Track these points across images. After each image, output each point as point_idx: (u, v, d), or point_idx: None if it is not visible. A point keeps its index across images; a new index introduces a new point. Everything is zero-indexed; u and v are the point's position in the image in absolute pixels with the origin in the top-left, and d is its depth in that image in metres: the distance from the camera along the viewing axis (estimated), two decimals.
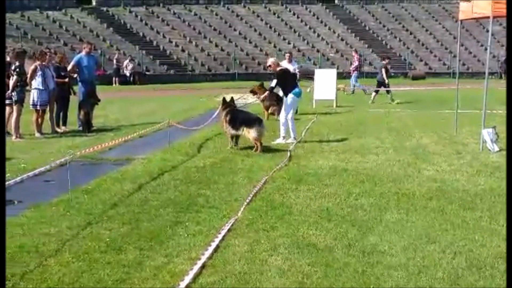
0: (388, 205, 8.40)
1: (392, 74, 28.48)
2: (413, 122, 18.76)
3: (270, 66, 14.93)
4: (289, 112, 14.58)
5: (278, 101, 19.24)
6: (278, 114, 19.02)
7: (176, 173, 10.65)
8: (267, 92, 16.57)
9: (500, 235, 6.98)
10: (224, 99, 14.19)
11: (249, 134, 13.05)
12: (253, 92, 20.27)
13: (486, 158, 12.18)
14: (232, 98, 14.34)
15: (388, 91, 27.35)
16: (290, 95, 14.52)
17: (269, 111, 19.62)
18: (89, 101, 17.04)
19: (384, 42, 61.82)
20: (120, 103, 27.33)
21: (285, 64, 20.57)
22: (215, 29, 57.40)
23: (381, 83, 27.42)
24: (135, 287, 5.57)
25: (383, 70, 27.27)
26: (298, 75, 21.31)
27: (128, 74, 46.74)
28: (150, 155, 12.52)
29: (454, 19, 59.45)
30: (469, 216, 7.82)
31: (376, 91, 27.43)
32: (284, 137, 14.54)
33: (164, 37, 54.45)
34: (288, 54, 22.63)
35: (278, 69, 14.80)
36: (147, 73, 48.41)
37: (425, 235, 6.99)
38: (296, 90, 14.61)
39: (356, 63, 35.02)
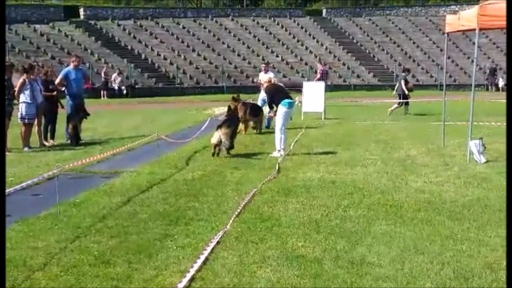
0: (376, 217, 8.43)
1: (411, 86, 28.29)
2: (401, 134, 18.84)
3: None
4: (279, 124, 14.56)
5: (258, 114, 19.39)
6: (259, 128, 19.02)
7: (165, 186, 10.65)
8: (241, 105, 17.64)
9: (488, 245, 7.02)
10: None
11: None
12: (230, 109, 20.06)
13: (473, 169, 12.25)
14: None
15: (406, 103, 27.20)
16: (280, 107, 14.52)
17: (251, 126, 19.66)
18: (78, 114, 17.02)
19: (371, 54, 62.08)
20: (108, 116, 27.30)
21: (261, 75, 20.70)
22: (203, 42, 57.47)
23: (401, 95, 27.29)
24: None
25: (403, 82, 27.15)
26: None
27: (116, 88, 46.70)
28: (138, 168, 12.51)
29: (440, 31, 59.78)
30: (457, 227, 7.87)
31: (399, 104, 27.24)
32: (279, 151, 14.47)
33: (152, 50, 54.47)
34: (264, 65, 22.47)
35: (266, 85, 15.48)
36: (135, 86, 48.37)
37: (413, 246, 7.02)
38: (285, 100, 14.57)
39: (318, 76, 34.17)
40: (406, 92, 27.06)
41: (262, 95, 20.40)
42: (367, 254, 6.75)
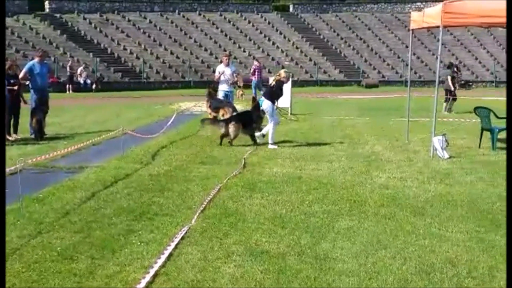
0: (340, 212, 8.49)
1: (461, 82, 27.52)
2: (366, 130, 18.97)
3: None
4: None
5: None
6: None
7: (130, 181, 10.59)
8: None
9: (449, 241, 7.11)
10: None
11: None
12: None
13: (436, 165, 12.40)
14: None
15: (454, 99, 26.77)
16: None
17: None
18: (42, 109, 16.84)
19: (338, 50, 62.43)
20: (73, 111, 27.06)
21: (222, 67, 20.41)
22: (170, 37, 57.26)
23: (448, 91, 27.02)
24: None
25: (449, 78, 26.83)
26: (236, 79, 21.29)
27: (82, 82, 46.31)
28: (103, 163, 12.42)
29: (406, 28, 60.30)
30: (419, 222, 7.95)
31: (447, 100, 26.83)
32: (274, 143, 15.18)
33: (118, 44, 54.12)
34: (225, 57, 21.17)
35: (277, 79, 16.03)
36: (103, 80, 47.99)
37: (376, 241, 7.08)
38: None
39: (252, 73, 33.73)
40: (452, 88, 26.76)
41: (224, 88, 20.21)
42: (331, 249, 6.80)
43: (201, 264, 6.32)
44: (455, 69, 28.04)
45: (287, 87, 25.08)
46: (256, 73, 32.00)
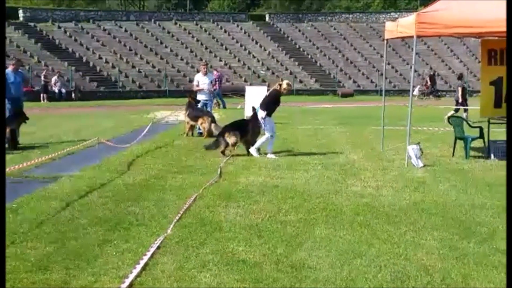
0: (316, 221, 8.52)
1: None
2: (342, 138, 19.06)
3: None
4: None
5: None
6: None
7: (105, 191, 10.54)
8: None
9: (424, 248, 7.17)
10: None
11: None
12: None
13: (411, 173, 12.49)
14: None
15: (465, 110, 26.85)
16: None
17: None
18: (16, 118, 16.70)
19: (314, 60, 62.72)
20: (48, 120, 26.87)
21: (200, 76, 20.52)
22: (146, 46, 57.15)
23: (458, 102, 27.14)
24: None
25: (459, 89, 27.01)
26: (213, 87, 21.29)
27: (56, 91, 46.03)
28: (78, 172, 12.36)
29: (380, 38, 60.78)
30: (394, 230, 8.01)
31: (456, 110, 26.72)
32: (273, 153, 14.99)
33: (94, 53, 53.90)
34: (203, 66, 21.39)
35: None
36: (81, 89, 47.71)
37: (352, 250, 7.12)
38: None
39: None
40: (460, 99, 26.93)
41: (202, 97, 20.32)
42: (307, 258, 6.82)
43: (177, 274, 6.30)
44: (464, 79, 28.29)
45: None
46: (216, 82, 32.11)
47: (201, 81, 20.39)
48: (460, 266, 6.54)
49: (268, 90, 16.33)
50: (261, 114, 15.12)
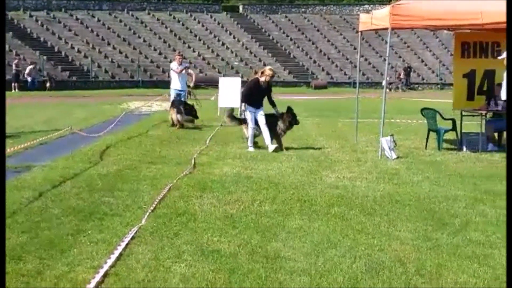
0: (291, 212, 8.53)
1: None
2: (316, 130, 19.12)
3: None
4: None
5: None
6: None
7: (78, 181, 10.45)
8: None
9: (398, 239, 7.21)
10: None
11: None
12: None
13: (384, 165, 12.56)
14: None
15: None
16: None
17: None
18: None
19: (287, 51, 62.75)
20: (20, 110, 26.56)
21: (174, 65, 20.52)
22: (119, 36, 56.75)
23: None
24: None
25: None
26: (186, 76, 21.25)
27: (29, 80, 45.54)
28: (51, 162, 12.23)
29: (354, 30, 61.10)
30: (369, 221, 8.04)
31: None
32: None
33: (66, 42, 53.40)
34: (178, 57, 21.42)
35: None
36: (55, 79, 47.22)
37: (327, 241, 7.13)
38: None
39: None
40: None
41: (176, 88, 20.30)
42: (282, 249, 6.82)
43: (151, 264, 6.27)
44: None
45: (236, 87, 25.27)
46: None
47: (176, 70, 20.40)
48: (434, 256, 6.59)
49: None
50: (248, 107, 14.75)
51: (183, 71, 20.57)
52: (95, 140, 15.41)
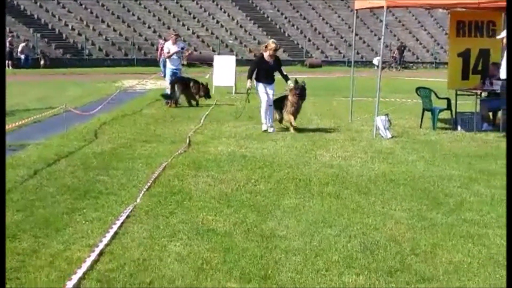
0: (286, 191, 8.54)
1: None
2: (311, 109, 19.06)
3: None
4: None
5: None
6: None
7: (73, 159, 10.44)
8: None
9: (393, 218, 7.24)
10: None
11: None
12: None
13: (379, 144, 12.57)
14: None
15: None
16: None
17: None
18: None
19: (282, 30, 62.43)
20: (14, 88, 26.39)
21: (170, 45, 20.46)
22: (113, 13, 56.28)
23: None
24: (30, 275, 5.43)
25: None
26: (182, 56, 21.20)
27: (23, 58, 45.30)
28: (45, 140, 12.22)
29: (349, 9, 60.79)
30: (363, 200, 8.07)
31: None
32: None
33: (60, 20, 52.94)
34: (173, 36, 21.33)
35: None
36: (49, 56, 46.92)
37: (322, 220, 7.16)
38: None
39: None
40: None
41: (171, 66, 20.28)
42: (277, 228, 6.84)
43: (147, 243, 6.29)
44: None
45: (231, 66, 25.20)
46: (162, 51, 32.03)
47: (171, 49, 20.30)
48: (429, 236, 6.62)
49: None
50: (258, 84, 14.50)
51: (178, 50, 20.50)
52: (89, 118, 15.37)
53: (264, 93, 14.34)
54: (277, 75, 14.70)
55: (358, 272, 5.58)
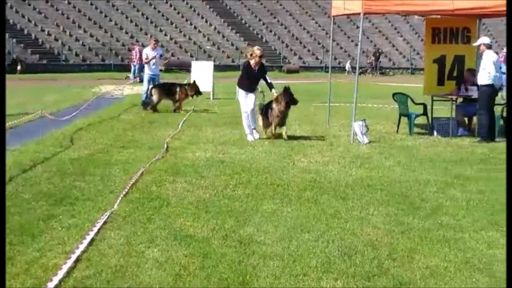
0: (264, 196, 8.54)
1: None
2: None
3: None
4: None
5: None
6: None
7: (49, 165, 10.36)
8: None
9: (370, 223, 7.26)
10: None
11: None
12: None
13: (356, 149, 12.62)
14: None
15: None
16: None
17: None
18: None
19: (259, 35, 62.58)
20: None
21: (148, 51, 20.45)
22: (90, 19, 56.05)
23: None
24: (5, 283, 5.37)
25: None
26: (161, 62, 21.18)
27: None
28: (21, 146, 12.10)
29: (326, 15, 61.13)
30: (341, 205, 8.09)
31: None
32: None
33: (36, 25, 52.60)
34: (153, 41, 21.38)
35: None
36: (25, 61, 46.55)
37: (300, 225, 7.16)
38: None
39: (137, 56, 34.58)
40: None
41: (149, 72, 20.25)
42: (255, 233, 6.83)
43: (124, 249, 6.25)
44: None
45: (209, 71, 25.18)
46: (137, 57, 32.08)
47: (150, 55, 20.29)
48: (406, 240, 6.65)
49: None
50: (240, 91, 14.29)
51: (156, 56, 20.47)
52: (66, 124, 15.26)
53: (245, 102, 14.13)
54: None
55: (336, 277, 5.59)
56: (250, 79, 14.17)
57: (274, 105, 13.94)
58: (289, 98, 13.99)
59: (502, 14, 13.99)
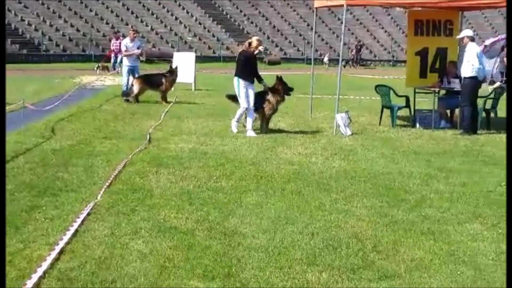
0: (248, 188, 8.52)
1: None
2: None
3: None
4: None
5: None
6: None
7: (32, 156, 10.27)
8: None
9: (354, 215, 7.28)
10: None
11: None
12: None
13: (339, 141, 12.64)
14: None
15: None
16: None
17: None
18: None
19: (241, 27, 62.43)
20: None
21: (127, 42, 20.35)
22: (70, 9, 55.55)
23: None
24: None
25: (505, 59, 25.56)
26: (141, 54, 21.09)
27: None
28: None
29: (307, 6, 61.12)
30: (325, 197, 8.10)
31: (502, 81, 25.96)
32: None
33: (15, 15, 52.07)
34: (132, 32, 21.17)
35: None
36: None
37: (284, 217, 7.16)
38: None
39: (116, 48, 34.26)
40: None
41: (128, 64, 20.10)
42: (239, 225, 6.82)
43: (108, 241, 6.21)
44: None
45: (190, 62, 25.07)
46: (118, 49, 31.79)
47: (129, 46, 20.18)
48: (390, 233, 6.67)
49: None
50: (241, 83, 13.76)
51: (133, 48, 20.34)
52: (47, 115, 15.14)
53: (245, 97, 13.68)
54: None
55: (321, 270, 5.59)
56: (253, 69, 13.94)
57: (269, 97, 13.83)
58: (286, 86, 14.08)
59: (483, 7, 14.08)
